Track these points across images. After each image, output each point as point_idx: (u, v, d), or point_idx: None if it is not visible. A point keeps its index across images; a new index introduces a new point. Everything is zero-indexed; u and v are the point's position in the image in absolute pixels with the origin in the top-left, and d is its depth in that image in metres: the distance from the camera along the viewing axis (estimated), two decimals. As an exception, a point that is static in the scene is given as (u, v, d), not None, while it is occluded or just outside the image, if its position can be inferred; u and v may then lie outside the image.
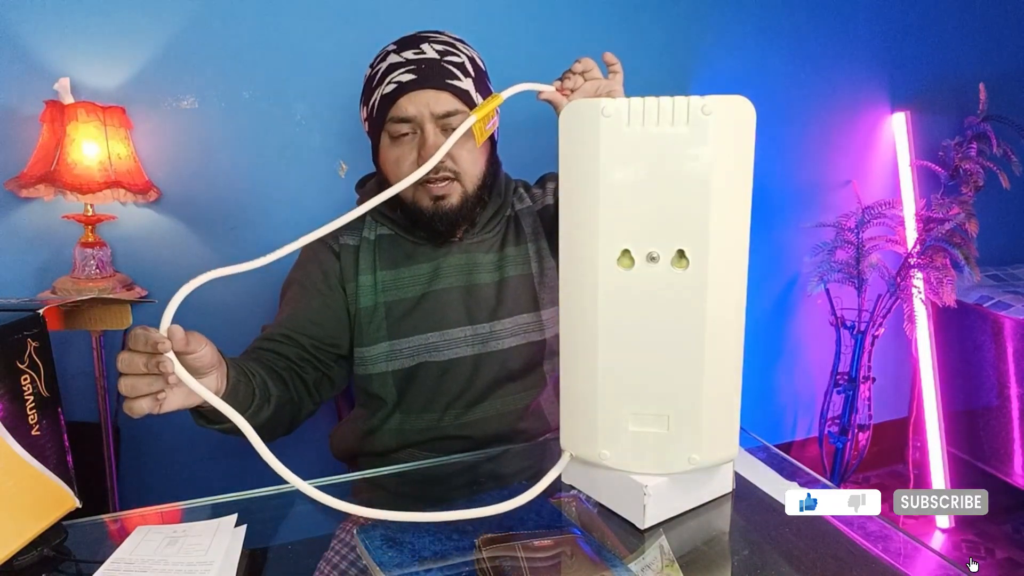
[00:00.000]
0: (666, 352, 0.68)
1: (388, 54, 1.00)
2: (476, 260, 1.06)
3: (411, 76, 0.96)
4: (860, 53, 2.08)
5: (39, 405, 0.66)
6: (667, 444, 0.70)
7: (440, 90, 0.96)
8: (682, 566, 0.65)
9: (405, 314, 1.04)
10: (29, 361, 0.65)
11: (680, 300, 0.67)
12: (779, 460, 0.87)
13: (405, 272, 1.05)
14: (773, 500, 0.78)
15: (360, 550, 0.69)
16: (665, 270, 0.66)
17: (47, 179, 1.25)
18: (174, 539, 0.69)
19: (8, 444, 0.63)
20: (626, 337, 0.68)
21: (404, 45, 0.99)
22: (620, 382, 0.70)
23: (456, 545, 0.67)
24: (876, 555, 0.68)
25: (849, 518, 0.76)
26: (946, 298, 1.84)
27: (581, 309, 0.70)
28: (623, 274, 0.67)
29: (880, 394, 2.27)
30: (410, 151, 0.98)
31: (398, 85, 0.96)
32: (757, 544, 0.70)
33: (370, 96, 1.01)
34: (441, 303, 1.04)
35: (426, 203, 1.00)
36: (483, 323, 1.05)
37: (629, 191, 0.66)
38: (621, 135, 0.65)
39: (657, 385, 0.69)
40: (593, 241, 0.68)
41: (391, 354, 1.03)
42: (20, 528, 0.65)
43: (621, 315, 0.68)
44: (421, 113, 0.96)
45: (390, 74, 0.97)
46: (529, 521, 0.72)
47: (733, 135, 0.65)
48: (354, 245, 1.07)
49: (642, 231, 0.66)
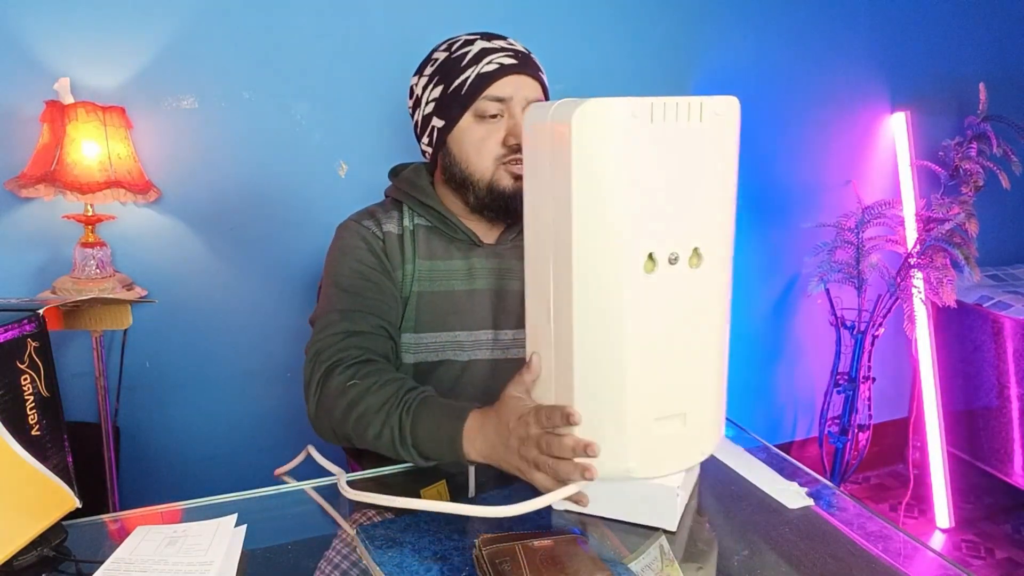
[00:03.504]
0: (686, 350, 0.69)
1: (473, 42, 1.03)
2: (510, 265, 1.06)
3: (512, 60, 1.01)
4: (860, 53, 2.08)
5: (39, 405, 0.66)
6: (684, 442, 0.70)
7: (534, 78, 1.02)
8: (682, 566, 0.65)
9: (433, 308, 1.04)
10: (29, 361, 0.65)
11: (694, 297, 0.68)
12: (779, 460, 0.88)
13: (440, 265, 1.05)
14: (773, 500, 0.78)
15: (360, 550, 0.69)
16: (682, 269, 0.67)
17: (47, 179, 1.25)
18: (174, 539, 0.69)
19: (8, 444, 0.63)
20: (651, 341, 0.68)
21: (489, 37, 1.04)
22: (647, 389, 0.68)
23: (456, 545, 0.67)
24: (876, 555, 0.68)
25: (849, 518, 0.76)
26: (946, 298, 1.84)
27: (604, 319, 0.67)
28: (647, 279, 0.65)
29: (880, 394, 2.27)
30: (496, 131, 1.01)
31: (500, 66, 1.00)
32: (757, 544, 0.70)
33: (454, 76, 1.01)
34: (469, 303, 1.05)
35: (507, 182, 1.01)
36: (507, 329, 1.05)
37: (647, 193, 0.65)
38: (640, 136, 0.63)
39: (677, 384, 0.69)
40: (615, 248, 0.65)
41: (415, 347, 1.03)
42: (20, 528, 0.65)
43: (647, 320, 0.67)
44: (516, 95, 1.00)
45: (487, 55, 1.01)
46: (529, 521, 0.72)
47: (725, 135, 0.67)
48: (397, 233, 1.06)
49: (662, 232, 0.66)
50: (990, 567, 1.94)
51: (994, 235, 2.29)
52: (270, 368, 1.62)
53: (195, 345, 1.56)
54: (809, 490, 0.79)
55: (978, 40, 2.23)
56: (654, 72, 1.85)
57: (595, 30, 1.76)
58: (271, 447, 1.65)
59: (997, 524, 2.11)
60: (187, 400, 1.58)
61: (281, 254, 1.57)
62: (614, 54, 1.80)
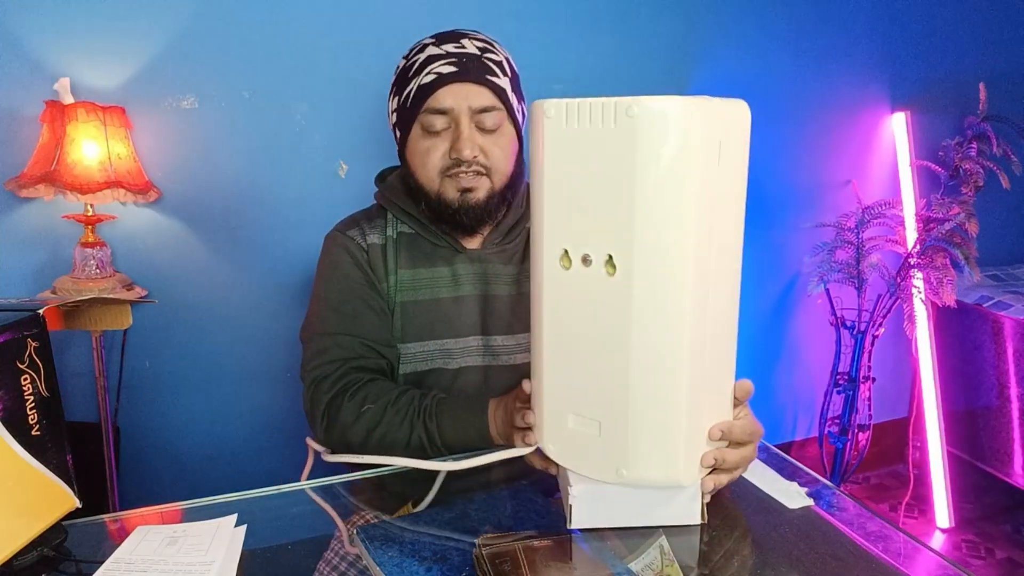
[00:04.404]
0: (598, 358, 0.67)
1: (426, 46, 0.99)
2: (495, 270, 1.05)
3: (451, 68, 0.95)
4: (860, 53, 2.08)
5: (39, 405, 0.66)
6: (598, 451, 0.68)
7: (480, 84, 0.96)
8: (682, 566, 0.65)
9: (419, 317, 1.03)
10: (29, 361, 0.65)
11: (608, 306, 0.65)
12: (779, 460, 0.87)
13: (424, 273, 1.05)
14: (773, 500, 0.78)
15: (360, 550, 0.69)
16: (597, 274, 0.65)
17: (47, 179, 1.25)
18: (174, 539, 0.69)
19: (8, 444, 0.63)
20: (561, 337, 0.69)
21: (443, 39, 0.99)
22: (560, 379, 0.70)
23: (456, 545, 0.67)
24: (876, 555, 0.68)
25: (849, 518, 0.76)
26: (946, 298, 1.84)
27: (536, 307, 0.72)
28: (563, 274, 0.67)
29: (880, 394, 2.27)
30: (442, 143, 0.98)
31: (438, 76, 0.95)
32: (757, 544, 0.70)
33: (405, 86, 0.99)
34: (455, 310, 1.04)
35: (452, 195, 0.99)
36: (495, 335, 1.04)
37: (566, 191, 0.66)
38: (561, 135, 0.65)
39: (592, 389, 0.68)
40: (539, 240, 0.69)
41: (404, 356, 1.03)
42: (20, 528, 0.65)
43: (559, 315, 0.69)
44: (459, 106, 0.96)
45: (429, 65, 0.96)
46: (529, 521, 0.72)
47: (665, 140, 0.61)
48: (380, 244, 1.06)
49: (577, 233, 0.66)
50: (990, 567, 1.94)
51: (994, 235, 2.29)
52: (270, 368, 1.62)
53: (195, 345, 1.56)
54: (809, 490, 0.79)
55: (978, 40, 2.23)
56: (654, 72, 1.85)
57: (595, 30, 1.76)
58: (271, 447, 1.65)
59: (997, 524, 2.11)
60: (187, 400, 1.58)
61: (281, 254, 1.57)
62: (614, 54, 1.80)
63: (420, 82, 0.96)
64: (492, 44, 1.01)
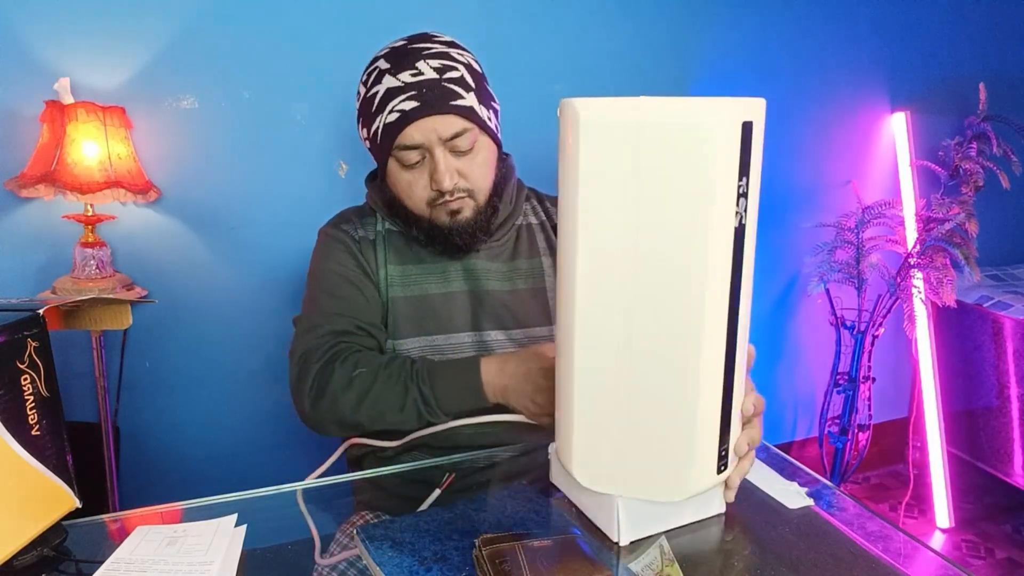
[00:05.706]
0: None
1: (383, 74, 0.96)
2: (484, 267, 1.05)
3: (413, 104, 0.93)
4: (860, 53, 2.08)
5: (39, 405, 0.66)
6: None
7: (445, 114, 0.94)
8: (682, 566, 0.65)
9: (409, 312, 1.03)
10: (29, 361, 0.65)
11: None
12: (779, 460, 0.88)
13: (413, 269, 1.05)
14: (773, 500, 0.78)
15: (360, 550, 0.69)
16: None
17: (47, 179, 1.25)
18: (174, 539, 0.69)
19: (8, 444, 0.63)
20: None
21: (398, 64, 0.95)
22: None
23: (456, 545, 0.67)
24: (876, 555, 0.68)
25: (849, 518, 0.76)
26: (946, 298, 1.84)
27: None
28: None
29: (880, 394, 2.27)
30: (421, 175, 0.98)
31: (401, 114, 0.93)
32: (757, 544, 0.70)
33: (371, 121, 0.98)
34: (446, 306, 1.04)
35: (443, 219, 1.00)
36: (488, 331, 1.04)
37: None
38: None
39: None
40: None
41: (396, 352, 1.03)
42: (20, 528, 0.65)
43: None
44: (429, 139, 0.94)
45: (390, 101, 0.94)
46: (529, 521, 0.72)
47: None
48: (371, 239, 1.07)
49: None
50: (990, 567, 1.94)
51: (994, 235, 2.29)
52: (270, 368, 1.62)
53: (195, 345, 1.56)
54: (809, 490, 0.79)
55: (978, 40, 2.23)
56: (654, 72, 1.85)
57: (595, 30, 1.76)
58: (271, 447, 1.65)
59: (997, 524, 2.11)
60: (187, 400, 1.58)
61: (281, 254, 1.57)
62: (614, 54, 1.80)
63: (385, 121, 0.95)
64: (449, 56, 0.96)
